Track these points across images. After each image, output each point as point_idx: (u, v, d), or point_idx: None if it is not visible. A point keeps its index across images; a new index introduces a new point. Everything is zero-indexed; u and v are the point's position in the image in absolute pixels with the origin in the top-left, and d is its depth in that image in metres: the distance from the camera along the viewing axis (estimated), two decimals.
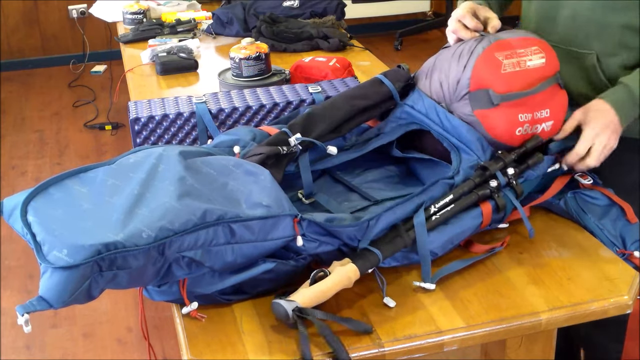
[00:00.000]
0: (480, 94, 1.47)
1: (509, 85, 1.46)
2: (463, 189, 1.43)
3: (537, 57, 1.49)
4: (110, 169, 1.32)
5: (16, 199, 1.26)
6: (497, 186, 1.44)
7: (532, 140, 1.49)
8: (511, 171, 1.46)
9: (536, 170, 1.50)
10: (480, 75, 1.47)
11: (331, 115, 1.55)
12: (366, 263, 1.31)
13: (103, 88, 5.04)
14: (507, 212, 1.47)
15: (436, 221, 1.38)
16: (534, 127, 1.49)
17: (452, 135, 1.51)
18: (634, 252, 1.45)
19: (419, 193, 1.40)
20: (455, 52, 1.53)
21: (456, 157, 1.49)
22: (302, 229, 1.30)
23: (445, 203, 1.40)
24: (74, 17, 5.34)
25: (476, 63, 1.48)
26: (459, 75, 1.50)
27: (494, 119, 1.47)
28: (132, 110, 1.80)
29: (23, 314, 1.10)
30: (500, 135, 1.48)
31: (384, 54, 5.34)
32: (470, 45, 1.52)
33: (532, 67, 1.48)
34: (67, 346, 2.73)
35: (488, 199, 1.44)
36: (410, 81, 1.63)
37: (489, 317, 1.28)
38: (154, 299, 1.31)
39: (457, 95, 1.50)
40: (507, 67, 1.47)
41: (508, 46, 1.49)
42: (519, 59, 1.48)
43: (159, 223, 1.19)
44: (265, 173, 1.34)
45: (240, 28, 2.78)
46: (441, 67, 1.55)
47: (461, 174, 1.46)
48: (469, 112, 1.49)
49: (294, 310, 1.21)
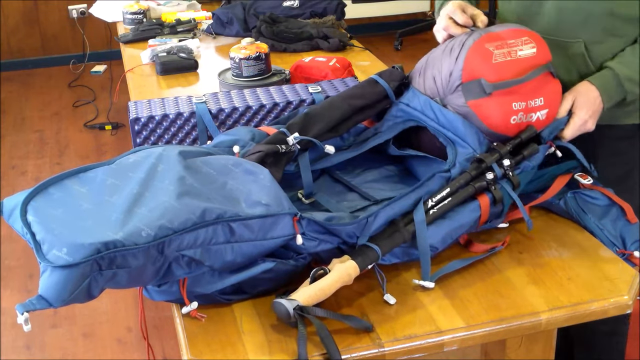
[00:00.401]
0: (473, 84, 1.49)
1: (500, 74, 1.48)
2: (459, 182, 1.43)
3: (527, 47, 1.51)
4: (110, 168, 1.32)
5: (16, 198, 1.26)
6: (494, 178, 1.44)
7: (527, 131, 1.51)
8: (507, 162, 1.46)
9: (532, 161, 1.51)
10: (471, 66, 1.49)
11: (329, 114, 1.56)
12: (365, 259, 1.31)
13: (103, 88, 5.04)
14: (505, 205, 1.47)
15: (434, 215, 1.38)
16: (529, 116, 1.50)
17: (447, 129, 1.52)
18: (634, 252, 1.45)
19: (416, 187, 1.40)
20: (446, 47, 1.56)
21: (452, 151, 1.50)
22: (301, 228, 1.30)
23: (442, 197, 1.40)
24: (74, 17, 5.35)
25: (467, 54, 1.49)
26: (451, 68, 1.51)
27: (488, 108, 1.48)
28: (132, 110, 1.80)
29: (22, 312, 1.11)
30: (495, 125, 1.49)
31: (384, 54, 5.34)
32: (461, 39, 1.54)
33: (523, 57, 1.50)
34: (67, 346, 2.73)
35: (485, 191, 1.44)
36: (404, 80, 1.64)
37: (489, 317, 1.28)
38: (154, 299, 1.31)
39: (450, 87, 1.51)
40: (498, 57, 1.48)
41: (498, 37, 1.51)
42: (510, 49, 1.50)
43: (159, 222, 1.19)
44: (265, 172, 1.34)
45: (240, 28, 2.78)
46: (434, 64, 1.56)
47: (457, 167, 1.46)
48: (462, 103, 1.50)
49: (295, 309, 1.21)
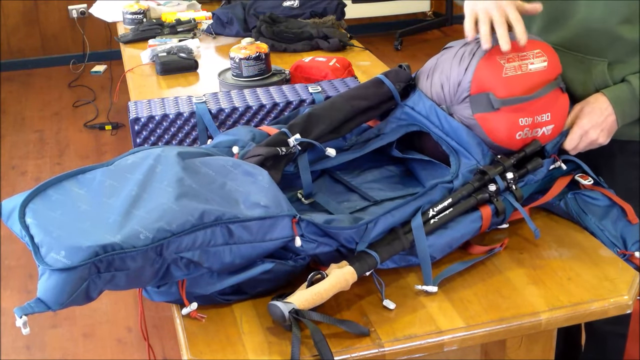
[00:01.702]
0: (481, 97, 1.47)
1: (509, 89, 1.46)
2: (462, 193, 1.42)
3: (539, 60, 1.49)
4: (108, 170, 1.32)
5: (15, 200, 1.25)
6: (496, 190, 1.44)
7: (532, 145, 1.50)
8: (510, 175, 1.46)
9: (536, 175, 1.50)
10: (481, 79, 1.47)
11: (331, 115, 1.54)
12: (364, 265, 1.30)
13: (103, 88, 5.04)
14: (506, 216, 1.47)
15: (435, 224, 1.38)
16: (534, 131, 1.49)
17: (451, 138, 1.51)
18: (635, 252, 1.45)
19: (418, 196, 1.40)
20: (457, 54, 1.53)
21: (455, 161, 1.49)
22: (300, 230, 1.29)
23: (444, 207, 1.40)
24: (74, 17, 5.35)
25: (477, 66, 1.47)
26: (460, 78, 1.49)
27: (495, 123, 1.47)
28: (132, 110, 1.80)
29: (21, 316, 1.10)
30: (500, 139, 1.48)
31: (384, 54, 5.34)
32: (472, 48, 1.51)
33: (533, 71, 1.48)
34: (67, 346, 2.73)
35: (487, 203, 1.43)
36: (411, 81, 1.62)
37: (489, 317, 1.28)
38: (154, 300, 1.31)
39: (458, 97, 1.50)
40: (508, 71, 1.46)
41: (510, 49, 1.47)
42: (521, 62, 1.47)
43: (157, 224, 1.18)
44: (264, 173, 1.33)
45: (240, 28, 2.78)
46: (442, 68, 1.54)
47: (460, 178, 1.45)
48: (469, 115, 1.49)
49: (291, 312, 1.21)
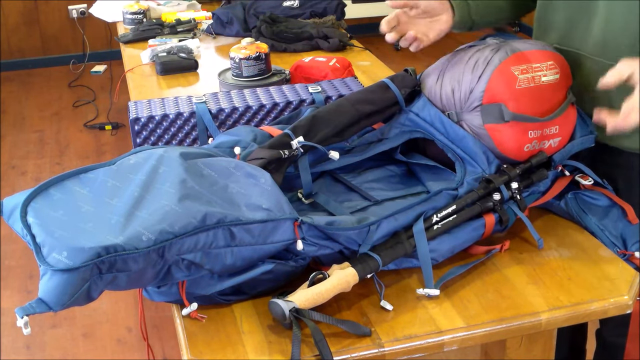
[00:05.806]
0: (493, 108, 1.47)
1: (521, 102, 1.46)
2: (466, 201, 1.42)
3: (551, 72, 1.49)
4: (111, 170, 1.31)
5: (16, 199, 1.25)
6: (500, 199, 1.44)
7: (538, 156, 1.50)
8: (515, 185, 1.46)
9: (540, 186, 1.51)
10: (494, 89, 1.46)
11: (336, 119, 1.53)
12: (366, 268, 1.30)
13: (103, 88, 5.04)
14: (509, 225, 1.47)
15: (438, 230, 1.38)
16: (542, 143, 1.50)
17: (457, 145, 1.51)
18: (635, 252, 1.45)
19: (422, 202, 1.40)
20: (470, 60, 1.52)
21: (461, 169, 1.49)
22: (302, 233, 1.29)
23: (447, 213, 1.40)
24: (74, 17, 5.35)
25: (492, 76, 1.47)
26: (472, 85, 1.49)
27: (504, 135, 1.47)
28: (132, 110, 1.80)
29: (22, 316, 1.10)
30: (508, 151, 1.48)
31: (384, 54, 5.33)
32: (487, 56, 1.50)
33: (546, 83, 1.48)
34: (67, 346, 2.73)
35: (491, 212, 1.44)
36: (417, 87, 1.61)
37: (489, 317, 1.28)
38: (154, 300, 1.31)
39: (469, 105, 1.49)
40: (521, 83, 1.46)
41: (525, 59, 1.48)
42: (534, 74, 1.47)
43: (159, 226, 1.18)
44: (266, 176, 1.33)
45: (240, 28, 2.78)
46: (453, 73, 1.53)
47: (465, 186, 1.45)
48: (479, 125, 1.49)
49: (291, 311, 1.21)
